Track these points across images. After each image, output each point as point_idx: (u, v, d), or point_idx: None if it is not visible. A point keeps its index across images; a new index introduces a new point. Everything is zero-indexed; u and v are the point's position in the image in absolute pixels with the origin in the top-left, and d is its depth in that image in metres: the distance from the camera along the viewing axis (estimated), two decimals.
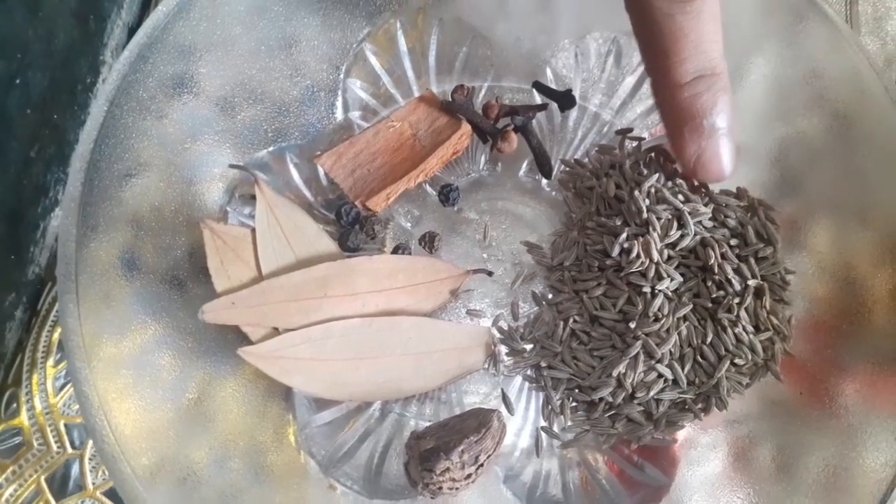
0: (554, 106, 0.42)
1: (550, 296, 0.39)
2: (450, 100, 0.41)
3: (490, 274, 0.39)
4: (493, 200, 0.42)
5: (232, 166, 0.37)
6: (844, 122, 0.38)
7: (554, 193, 0.42)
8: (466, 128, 0.39)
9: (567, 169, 0.41)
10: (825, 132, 0.38)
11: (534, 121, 0.41)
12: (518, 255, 0.41)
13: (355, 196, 0.39)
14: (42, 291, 0.40)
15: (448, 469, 0.32)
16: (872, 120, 0.37)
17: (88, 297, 0.32)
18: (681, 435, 0.37)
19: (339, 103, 0.42)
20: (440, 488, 0.32)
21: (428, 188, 0.41)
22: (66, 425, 0.38)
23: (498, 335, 0.38)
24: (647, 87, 0.42)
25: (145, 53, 0.35)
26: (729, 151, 0.33)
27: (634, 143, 0.41)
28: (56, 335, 0.39)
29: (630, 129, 0.41)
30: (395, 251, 0.40)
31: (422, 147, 0.40)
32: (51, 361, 0.39)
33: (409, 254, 0.40)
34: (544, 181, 0.42)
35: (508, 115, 0.41)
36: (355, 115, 0.42)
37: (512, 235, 0.41)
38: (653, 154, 0.40)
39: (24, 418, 0.38)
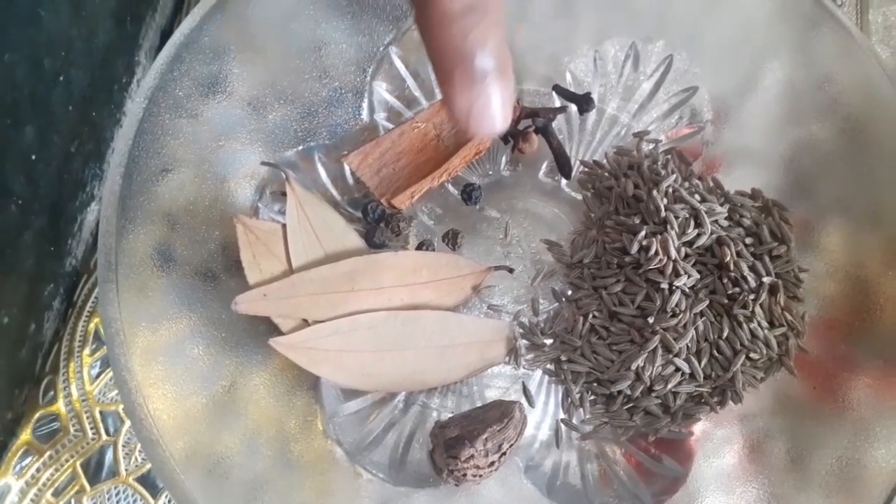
0: (573, 109, 0.43)
1: (570, 292, 0.40)
2: None
3: (511, 271, 0.40)
4: (513, 200, 0.43)
5: (264, 163, 0.39)
6: (856, 127, 0.39)
7: (573, 194, 0.43)
8: None
9: (586, 170, 0.42)
10: (837, 136, 0.39)
11: (554, 123, 0.42)
12: (538, 254, 0.42)
13: (381, 194, 0.40)
14: (78, 283, 0.42)
15: (472, 456, 0.33)
16: (884, 124, 0.38)
17: (126, 288, 0.33)
18: (696, 429, 0.38)
19: (365, 105, 0.43)
20: (464, 475, 0.33)
21: (450, 188, 0.43)
22: (101, 413, 0.39)
23: (519, 330, 0.39)
24: (663, 92, 0.44)
25: (181, 53, 0.36)
26: (503, 99, 0.27)
27: (651, 146, 0.42)
28: (92, 325, 0.41)
29: (647, 132, 0.42)
30: (419, 248, 0.41)
31: (445, 147, 0.41)
32: (87, 350, 0.40)
33: (433, 250, 0.41)
34: (564, 182, 0.43)
35: (529, 117, 0.42)
36: (381, 116, 0.43)
37: (532, 234, 0.42)
38: (669, 156, 0.41)
39: (60, 405, 0.39)
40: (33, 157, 0.35)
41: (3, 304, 0.35)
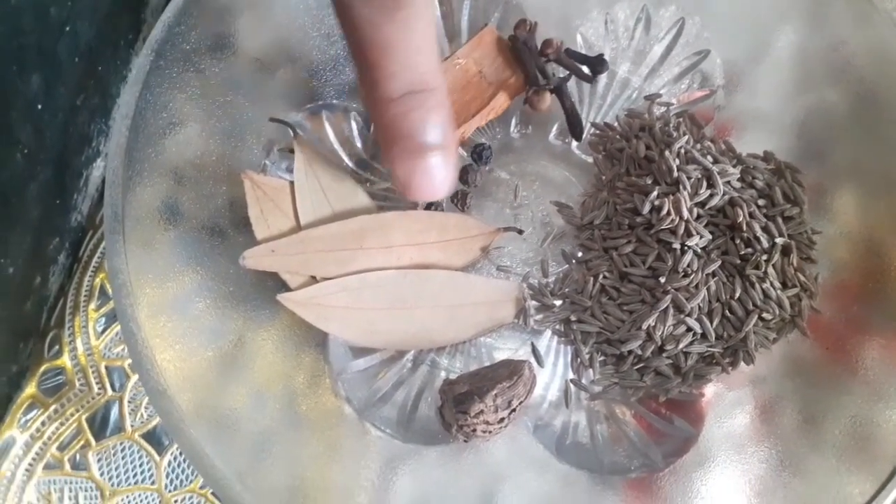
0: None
1: (580, 254, 0.40)
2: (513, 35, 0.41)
3: (520, 232, 0.40)
4: (523, 163, 0.43)
5: (272, 119, 0.38)
6: (870, 90, 0.38)
7: (584, 157, 0.43)
8: None
9: (597, 132, 0.41)
10: (851, 100, 0.39)
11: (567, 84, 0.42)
12: (548, 216, 0.41)
13: None
14: (84, 239, 0.41)
15: (482, 412, 0.33)
16: None
17: (133, 240, 0.33)
18: (707, 391, 0.37)
19: None
20: (474, 431, 0.33)
21: (461, 150, 0.42)
22: (106, 367, 0.39)
23: (528, 291, 0.39)
24: (675, 55, 0.43)
25: (189, 7, 0.36)
26: (443, 170, 0.29)
27: (663, 109, 0.41)
28: (98, 281, 0.40)
29: (658, 95, 0.42)
30: (427, 208, 0.40)
31: (489, 84, 0.40)
32: (92, 305, 0.40)
33: (442, 210, 0.40)
34: (574, 144, 0.43)
35: (563, 57, 0.41)
36: None
37: (542, 197, 0.42)
38: (681, 119, 0.41)
39: (66, 359, 0.38)
40: (39, 106, 0.35)
41: (9, 254, 0.35)
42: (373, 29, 0.26)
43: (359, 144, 0.42)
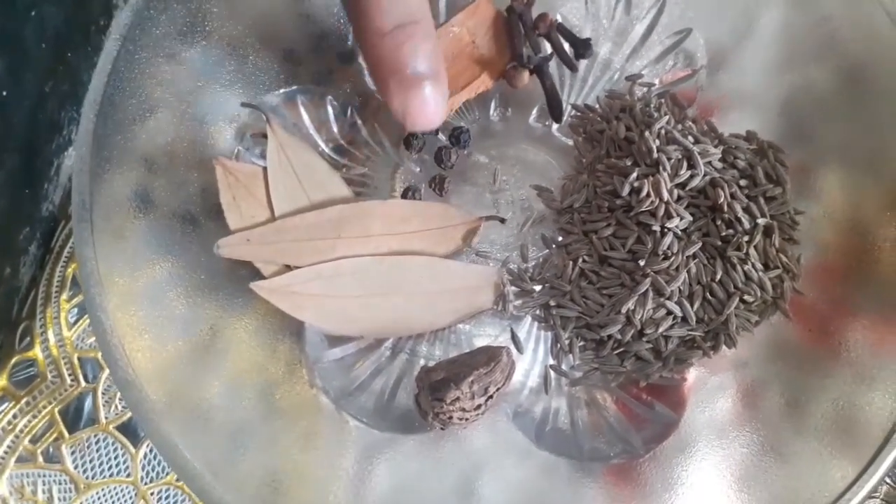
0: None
1: (560, 238, 0.39)
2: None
3: (503, 221, 0.39)
4: (502, 147, 0.42)
5: (244, 104, 0.38)
6: (855, 68, 0.38)
7: (564, 140, 0.42)
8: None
9: (577, 114, 0.41)
10: (836, 78, 0.38)
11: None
12: (527, 200, 0.41)
13: None
14: (56, 229, 0.41)
15: (458, 399, 0.33)
16: (884, 65, 0.37)
17: (103, 230, 0.32)
18: (689, 376, 0.37)
19: (351, 47, 0.42)
20: (450, 418, 0.33)
21: (440, 135, 0.41)
22: (79, 359, 0.38)
23: (507, 276, 0.38)
24: (656, 35, 0.43)
25: None
26: (435, 99, 0.31)
27: (644, 89, 0.41)
28: (70, 271, 0.40)
29: (640, 76, 0.41)
30: (405, 194, 0.40)
31: (480, 55, 0.39)
32: (65, 296, 0.39)
33: (420, 197, 0.40)
34: (554, 127, 0.42)
35: (556, 33, 0.40)
36: None
37: (522, 181, 0.41)
38: (663, 99, 0.40)
39: (38, 351, 0.38)
40: (4, 93, 0.34)
41: None
42: None
43: (335, 129, 0.41)
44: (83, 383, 0.38)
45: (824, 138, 0.39)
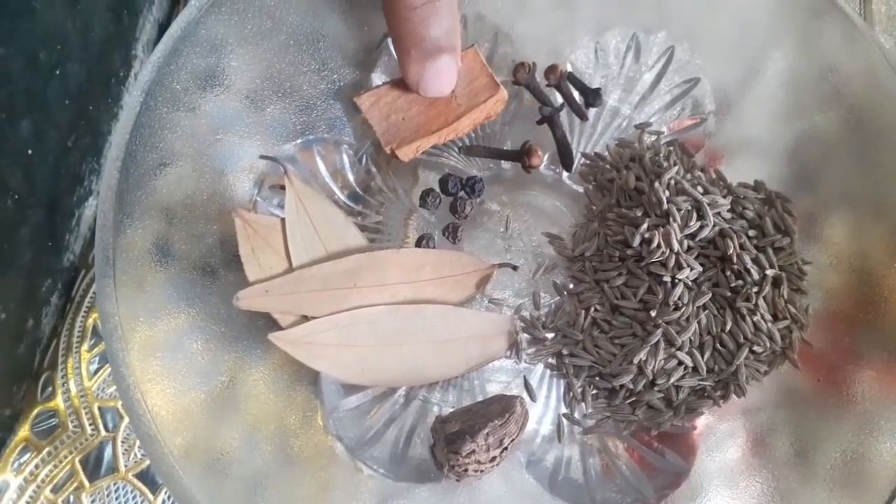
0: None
1: (571, 286, 0.40)
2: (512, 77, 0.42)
3: (515, 268, 0.40)
4: (514, 193, 0.43)
5: (262, 157, 0.38)
6: (860, 117, 0.39)
7: (574, 187, 0.43)
8: (502, 94, 0.39)
9: (587, 162, 0.42)
10: (841, 127, 0.39)
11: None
12: (539, 247, 0.41)
13: (387, 142, 0.39)
14: (76, 278, 0.41)
15: (474, 451, 0.33)
16: (888, 115, 0.38)
17: (124, 283, 0.33)
18: (699, 423, 0.37)
19: None
20: (465, 470, 0.33)
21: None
22: (99, 408, 0.39)
23: (520, 324, 0.39)
24: (665, 83, 0.43)
25: (179, 46, 0.36)
26: (449, 69, 0.36)
27: (653, 137, 0.41)
28: (90, 321, 0.40)
29: (649, 124, 0.42)
30: (419, 242, 0.41)
31: (457, 105, 0.39)
32: (85, 346, 0.40)
33: (434, 245, 0.41)
34: (565, 174, 0.43)
35: (566, 83, 0.42)
36: None
37: (533, 227, 0.42)
38: (671, 148, 0.41)
39: (59, 401, 0.39)
40: (29, 151, 0.35)
41: (1, 300, 0.35)
42: None
43: (351, 177, 0.42)
44: (103, 432, 0.39)
45: (830, 185, 0.40)
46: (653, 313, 0.36)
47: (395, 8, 0.34)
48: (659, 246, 0.36)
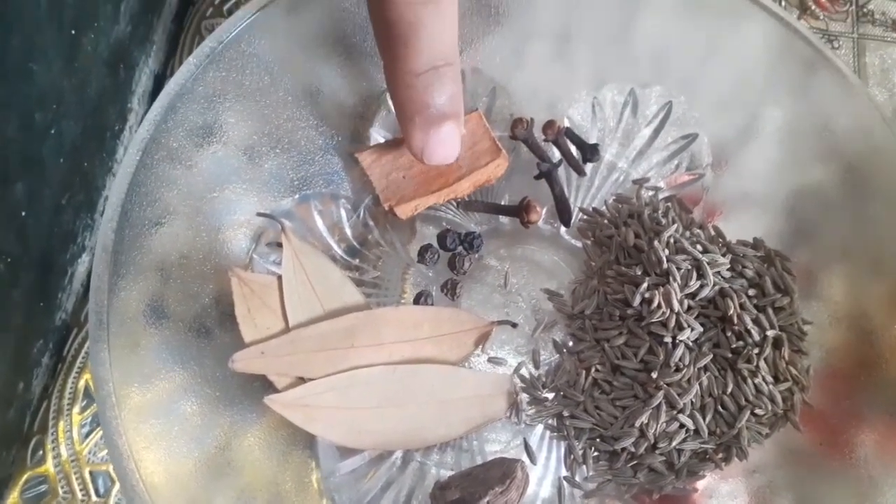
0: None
1: (571, 344, 0.39)
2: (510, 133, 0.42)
3: (514, 325, 0.39)
4: (512, 247, 0.43)
5: (260, 214, 0.38)
6: (857, 173, 0.39)
7: (573, 241, 0.43)
8: (504, 158, 0.39)
9: (586, 217, 0.41)
10: (838, 183, 0.39)
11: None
12: (538, 303, 0.41)
13: (386, 199, 0.39)
14: (68, 337, 0.41)
15: None
16: (884, 170, 0.38)
17: (118, 346, 0.32)
18: (701, 484, 0.37)
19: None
20: None
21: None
22: (91, 473, 0.38)
23: (520, 383, 0.38)
24: (662, 139, 0.43)
25: (176, 103, 0.35)
26: (453, 137, 0.34)
27: (651, 193, 0.41)
28: (82, 381, 0.39)
29: (647, 179, 0.42)
30: (416, 299, 0.40)
31: (459, 167, 0.39)
32: (76, 408, 0.39)
33: (432, 301, 0.40)
34: (563, 229, 0.43)
35: (563, 138, 0.42)
36: None
37: (532, 282, 0.42)
38: (670, 204, 0.40)
39: (49, 466, 0.38)
40: (23, 213, 0.34)
41: None
42: (408, 9, 0.31)
43: (348, 230, 0.42)
44: (94, 497, 0.38)
45: (828, 240, 0.40)
46: (654, 375, 0.36)
47: (397, 74, 0.32)
48: (659, 306, 0.36)
